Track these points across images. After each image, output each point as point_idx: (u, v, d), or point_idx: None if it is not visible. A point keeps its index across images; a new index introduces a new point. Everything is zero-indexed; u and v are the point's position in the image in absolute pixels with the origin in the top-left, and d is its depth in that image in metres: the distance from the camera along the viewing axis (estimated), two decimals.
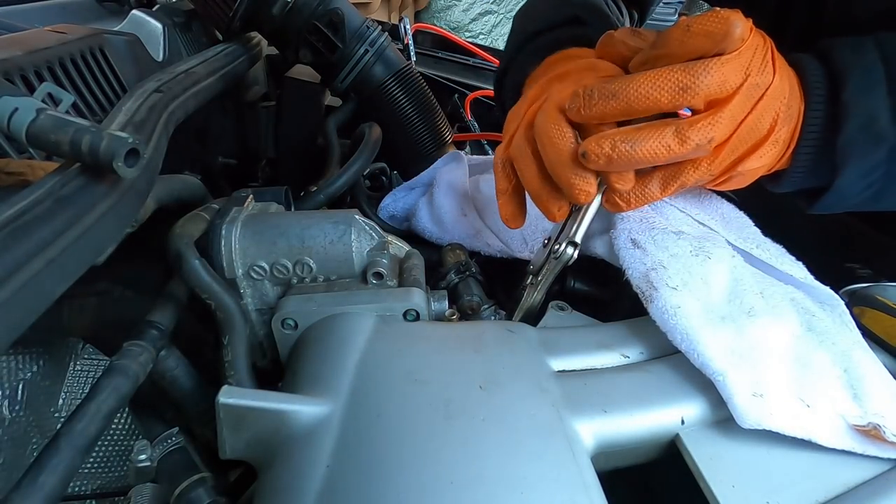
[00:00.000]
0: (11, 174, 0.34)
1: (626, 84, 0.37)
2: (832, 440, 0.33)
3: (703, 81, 0.35)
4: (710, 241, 0.43)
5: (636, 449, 0.34)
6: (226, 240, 0.41)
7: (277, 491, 0.29)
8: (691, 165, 0.38)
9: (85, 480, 0.48)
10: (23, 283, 0.25)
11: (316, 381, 0.35)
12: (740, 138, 0.37)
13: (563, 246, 0.43)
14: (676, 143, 0.36)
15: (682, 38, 0.35)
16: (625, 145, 0.37)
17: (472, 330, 0.39)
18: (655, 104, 0.36)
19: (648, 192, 0.40)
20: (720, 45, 0.35)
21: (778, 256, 0.44)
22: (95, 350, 0.48)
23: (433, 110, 0.79)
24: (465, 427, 0.31)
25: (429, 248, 0.62)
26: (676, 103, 0.36)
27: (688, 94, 0.35)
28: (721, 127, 0.36)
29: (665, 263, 0.40)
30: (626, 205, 0.40)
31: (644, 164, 0.38)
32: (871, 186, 0.41)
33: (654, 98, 0.36)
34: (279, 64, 0.87)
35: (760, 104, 0.37)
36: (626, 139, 0.37)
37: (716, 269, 0.40)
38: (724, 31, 0.34)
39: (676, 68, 0.35)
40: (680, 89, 0.35)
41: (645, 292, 0.39)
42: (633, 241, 0.42)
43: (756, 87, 0.37)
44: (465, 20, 3.24)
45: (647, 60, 0.38)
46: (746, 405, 0.33)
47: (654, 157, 0.37)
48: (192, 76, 0.51)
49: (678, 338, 0.36)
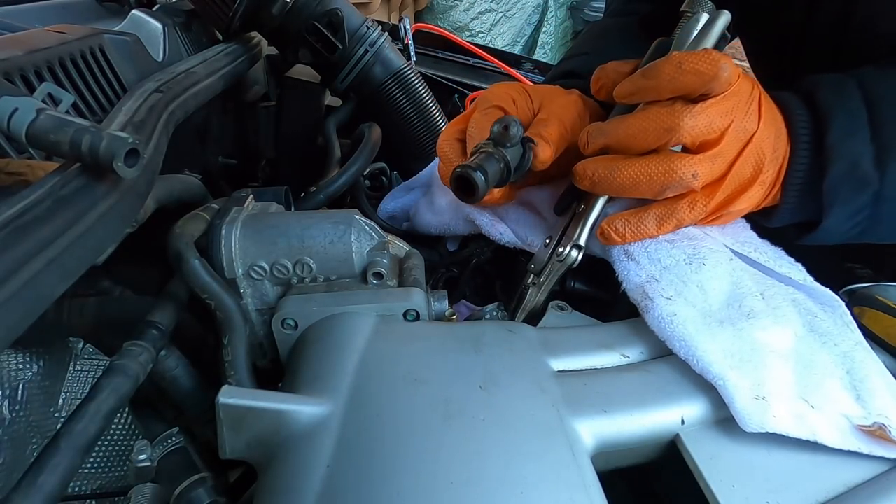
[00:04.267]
0: (11, 174, 0.34)
1: (617, 124, 0.40)
2: (837, 441, 0.33)
3: (686, 123, 0.37)
4: (707, 246, 0.43)
5: (636, 449, 0.34)
6: (226, 240, 0.41)
7: (277, 491, 0.29)
8: (687, 204, 0.41)
9: (85, 480, 0.48)
10: (23, 283, 0.25)
11: (316, 381, 0.35)
12: (732, 179, 0.40)
13: (567, 249, 0.44)
14: (660, 173, 0.39)
15: (672, 75, 0.38)
16: (605, 171, 0.40)
17: (472, 330, 0.39)
18: (644, 142, 0.39)
19: (644, 228, 0.42)
20: (708, 86, 0.37)
21: (776, 259, 0.44)
22: (95, 350, 0.48)
23: (433, 110, 0.79)
24: (464, 427, 0.31)
25: (429, 248, 0.62)
26: (662, 142, 0.39)
27: (672, 134, 0.38)
28: (705, 164, 0.39)
29: (658, 276, 0.40)
30: (621, 238, 0.43)
31: (628, 191, 0.40)
32: (858, 226, 0.42)
33: (641, 137, 0.39)
34: (279, 64, 0.87)
35: (748, 148, 0.39)
36: (609, 165, 0.41)
37: (712, 274, 0.40)
38: (714, 74, 0.37)
39: (663, 110, 0.38)
40: (665, 130, 0.38)
41: (641, 303, 0.40)
42: (627, 253, 0.43)
43: (743, 131, 0.39)
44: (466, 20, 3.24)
45: (635, 91, 0.40)
46: (748, 409, 0.33)
47: (634, 184, 0.40)
48: (192, 76, 0.51)
49: (676, 345, 0.37)
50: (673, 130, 0.38)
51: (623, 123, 0.40)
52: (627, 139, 0.40)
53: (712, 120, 0.38)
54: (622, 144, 0.40)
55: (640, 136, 0.39)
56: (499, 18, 3.29)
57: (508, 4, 3.28)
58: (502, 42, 3.29)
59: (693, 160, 0.38)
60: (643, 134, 0.39)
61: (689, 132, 0.38)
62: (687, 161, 0.38)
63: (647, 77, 0.39)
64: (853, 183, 0.40)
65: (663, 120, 0.38)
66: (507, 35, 3.33)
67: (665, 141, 0.38)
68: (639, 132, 0.39)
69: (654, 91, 0.39)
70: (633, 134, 0.39)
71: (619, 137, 0.40)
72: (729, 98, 0.38)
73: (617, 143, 0.41)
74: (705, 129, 0.38)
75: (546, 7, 3.38)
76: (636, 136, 0.39)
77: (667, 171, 0.38)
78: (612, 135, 0.41)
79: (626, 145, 0.40)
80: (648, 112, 0.39)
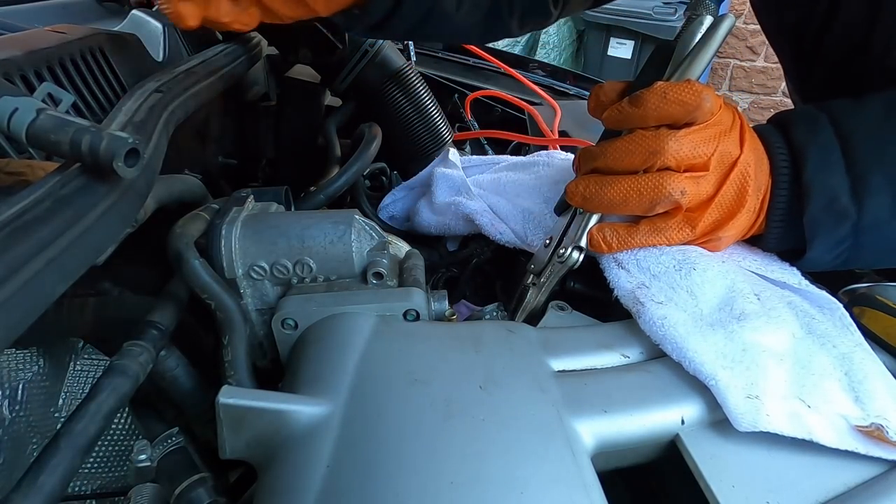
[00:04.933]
0: (11, 174, 0.34)
1: (605, 147, 0.43)
2: (834, 441, 0.33)
3: (671, 146, 0.40)
4: (696, 251, 0.43)
5: (636, 449, 0.34)
6: (226, 240, 0.41)
7: (277, 491, 0.29)
8: (676, 223, 0.42)
9: (85, 480, 0.48)
10: (23, 283, 0.25)
11: (316, 381, 0.35)
12: (718, 203, 0.41)
13: (569, 250, 0.44)
14: (649, 188, 0.40)
15: (657, 104, 0.40)
16: (596, 187, 0.43)
17: (472, 330, 0.39)
18: (630, 163, 0.41)
19: (631, 239, 0.43)
20: (692, 115, 0.39)
21: (769, 265, 0.44)
22: (95, 350, 0.48)
23: (433, 110, 0.79)
24: (464, 427, 0.31)
25: (429, 248, 0.62)
26: (648, 164, 0.41)
27: (657, 157, 0.40)
28: (692, 183, 0.40)
29: (647, 283, 0.41)
30: (608, 248, 0.44)
31: (618, 207, 0.42)
32: (841, 256, 0.43)
33: (628, 159, 0.41)
34: (279, 64, 0.87)
35: (733, 172, 0.41)
36: (599, 181, 0.43)
37: (702, 278, 0.41)
38: (697, 104, 0.39)
39: (648, 134, 0.41)
40: (650, 152, 0.40)
41: (633, 308, 0.40)
42: (617, 262, 0.44)
43: (728, 156, 0.41)
44: None
45: (622, 118, 0.42)
46: (741, 408, 0.33)
47: (624, 199, 0.41)
48: (192, 76, 0.51)
49: (669, 347, 0.37)
50: (658, 153, 0.40)
51: (611, 146, 0.42)
52: (615, 161, 0.42)
53: (696, 145, 0.40)
54: (610, 166, 0.42)
55: (627, 157, 0.41)
56: None
57: None
58: (503, 42, 3.30)
59: (681, 177, 0.40)
60: (630, 156, 0.41)
61: (673, 155, 0.40)
62: (675, 178, 0.40)
63: (634, 105, 0.41)
64: (832, 216, 0.41)
65: (648, 143, 0.40)
66: None
67: (651, 163, 0.40)
68: (626, 154, 0.41)
69: (639, 119, 0.41)
70: (620, 156, 0.41)
71: (607, 159, 0.42)
72: (712, 126, 0.40)
73: (605, 164, 0.43)
74: (689, 153, 0.40)
75: None
76: (623, 158, 0.41)
77: (655, 185, 0.40)
78: (600, 157, 0.43)
79: (613, 166, 0.42)
80: (635, 136, 0.41)
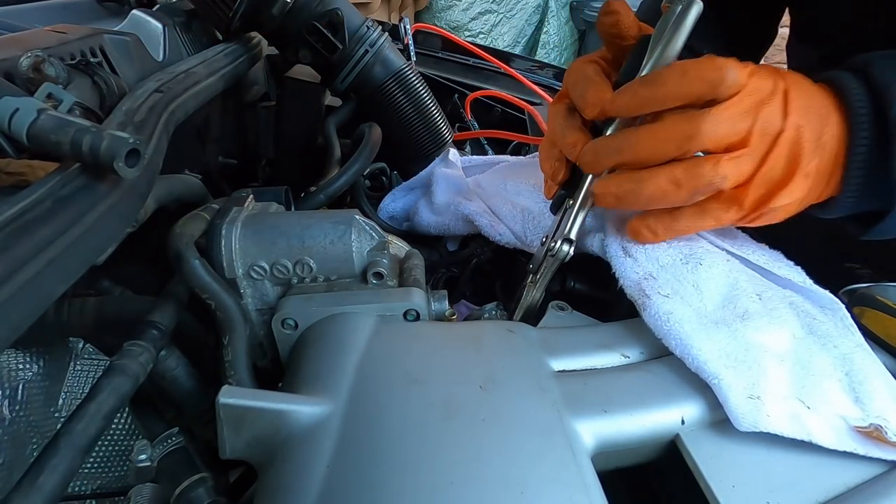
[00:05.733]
0: (11, 174, 0.34)
1: (629, 138, 0.38)
2: (833, 442, 0.33)
3: (706, 128, 0.36)
4: (703, 247, 0.43)
5: (636, 449, 0.34)
6: (226, 240, 0.41)
7: (277, 491, 0.29)
8: (721, 204, 0.38)
9: (85, 480, 0.47)
10: (23, 283, 0.25)
11: (316, 380, 0.35)
12: (763, 177, 0.37)
13: (558, 243, 0.44)
14: (687, 179, 0.37)
15: (679, 81, 0.36)
16: (630, 184, 0.38)
17: (472, 330, 0.39)
18: (663, 153, 0.37)
19: (678, 224, 0.40)
20: (716, 91, 0.36)
21: (774, 261, 0.44)
22: (95, 350, 0.48)
23: (433, 110, 0.79)
24: (464, 427, 0.31)
25: (429, 248, 0.62)
26: (682, 151, 0.37)
27: (694, 142, 0.36)
28: (732, 164, 0.36)
29: (655, 274, 0.40)
30: (654, 236, 0.41)
31: (658, 202, 0.39)
32: None
33: (661, 148, 0.37)
34: (279, 64, 0.87)
35: (778, 143, 0.37)
36: (633, 179, 0.38)
37: (708, 274, 0.40)
38: (720, 78, 0.35)
39: (679, 118, 0.37)
40: (685, 137, 0.36)
41: (638, 300, 0.39)
42: (625, 250, 0.43)
43: (770, 126, 0.37)
44: (465, 20, 3.24)
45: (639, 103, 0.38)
46: (742, 408, 0.33)
47: (663, 194, 0.38)
48: (192, 76, 0.51)
49: (672, 343, 0.37)
50: (693, 137, 0.36)
51: (637, 136, 0.38)
52: (645, 152, 0.38)
53: (734, 122, 0.36)
54: (640, 158, 0.38)
55: (660, 146, 0.37)
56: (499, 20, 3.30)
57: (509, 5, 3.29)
58: (503, 42, 3.30)
59: (720, 162, 0.36)
60: (662, 144, 0.37)
61: (710, 136, 0.36)
62: (713, 163, 0.36)
63: (650, 86, 0.37)
64: None
65: (681, 127, 0.36)
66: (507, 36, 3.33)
67: (686, 149, 0.37)
68: (657, 142, 0.37)
69: (659, 101, 0.37)
70: (650, 146, 0.37)
71: (636, 151, 0.38)
72: (747, 97, 0.36)
73: (634, 157, 0.38)
74: (728, 131, 0.36)
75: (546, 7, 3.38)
76: (654, 147, 0.37)
77: (694, 175, 0.37)
78: (626, 150, 0.38)
79: (643, 159, 0.38)
80: (664, 122, 0.37)
